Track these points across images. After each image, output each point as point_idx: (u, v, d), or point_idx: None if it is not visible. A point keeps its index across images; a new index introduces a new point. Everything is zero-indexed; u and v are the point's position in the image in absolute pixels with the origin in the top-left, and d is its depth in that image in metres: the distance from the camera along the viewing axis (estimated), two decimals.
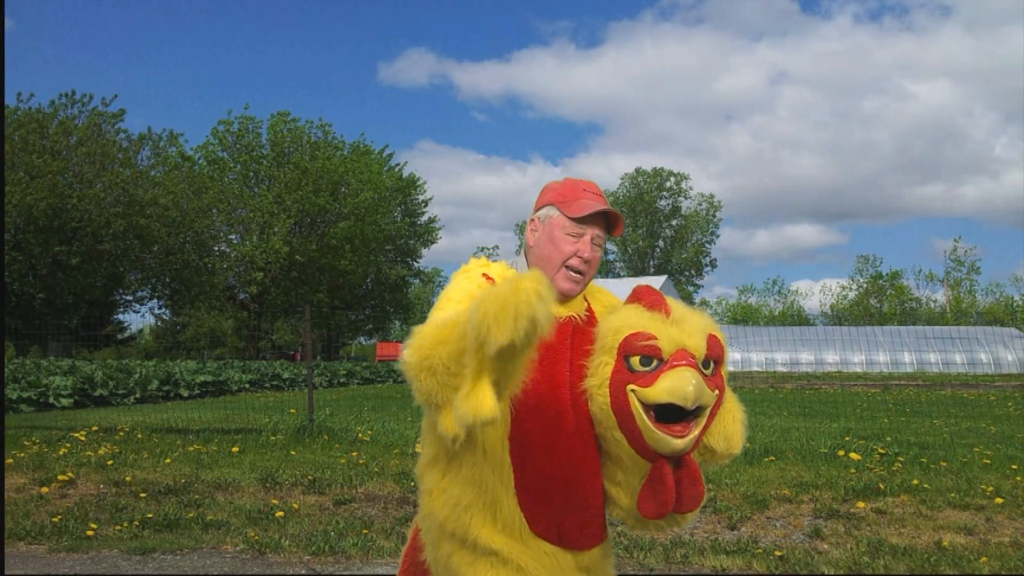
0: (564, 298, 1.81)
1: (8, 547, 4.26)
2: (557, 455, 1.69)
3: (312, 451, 7.06)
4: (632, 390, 1.63)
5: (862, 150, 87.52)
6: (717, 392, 1.67)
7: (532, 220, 1.87)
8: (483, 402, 1.38)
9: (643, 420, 1.62)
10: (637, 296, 1.76)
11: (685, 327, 1.66)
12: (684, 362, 1.61)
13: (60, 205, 28.82)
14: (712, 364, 1.68)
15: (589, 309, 1.85)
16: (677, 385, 1.57)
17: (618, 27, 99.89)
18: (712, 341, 1.68)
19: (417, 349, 1.49)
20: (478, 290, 1.73)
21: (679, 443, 1.61)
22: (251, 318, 42.70)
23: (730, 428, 1.74)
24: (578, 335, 1.77)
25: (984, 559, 3.96)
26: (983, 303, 57.37)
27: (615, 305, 1.88)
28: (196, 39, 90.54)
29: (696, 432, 1.63)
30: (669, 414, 1.61)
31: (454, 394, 1.43)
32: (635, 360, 1.64)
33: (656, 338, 1.64)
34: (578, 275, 1.80)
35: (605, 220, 1.83)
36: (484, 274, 1.81)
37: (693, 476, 1.68)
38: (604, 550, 1.82)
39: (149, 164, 34.48)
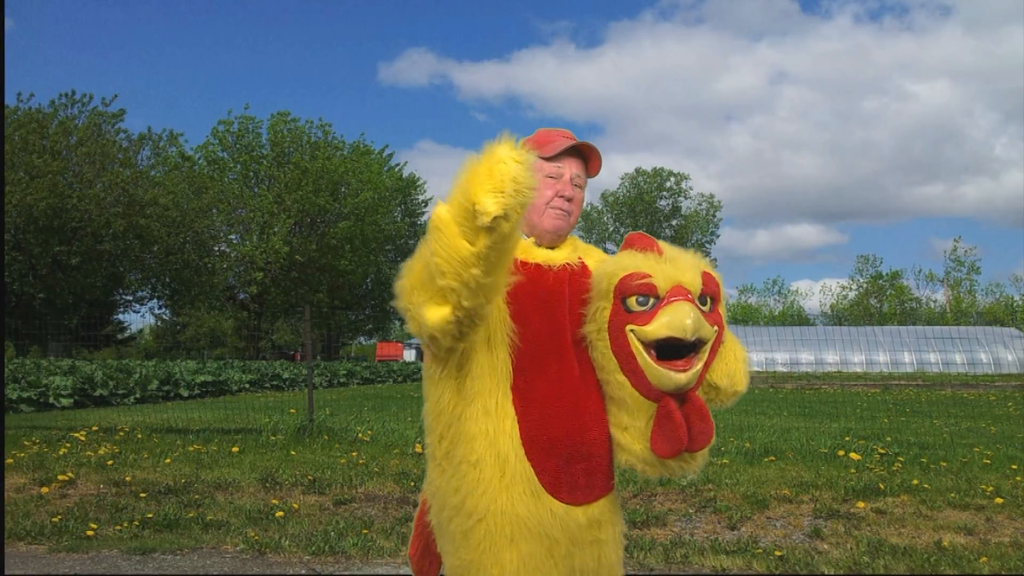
0: (555, 238, 1.84)
1: (8, 547, 4.26)
2: (561, 403, 1.70)
3: (312, 451, 7.06)
4: (631, 330, 1.64)
5: (862, 150, 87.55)
6: (716, 328, 1.67)
7: None
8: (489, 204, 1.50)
9: (644, 358, 1.63)
10: (629, 242, 1.78)
11: (679, 264, 1.68)
12: (681, 297, 1.62)
13: (60, 205, 28.81)
14: (709, 301, 1.69)
15: (580, 260, 1.86)
16: (675, 318, 1.58)
17: (618, 27, 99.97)
18: (707, 278, 1.69)
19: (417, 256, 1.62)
20: None
21: (682, 377, 1.61)
22: (251, 318, 42.69)
23: (732, 366, 1.76)
24: (574, 281, 1.79)
25: (984, 559, 3.96)
26: (983, 303, 57.35)
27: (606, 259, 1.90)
28: (196, 39, 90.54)
29: (698, 366, 1.63)
30: (669, 351, 1.62)
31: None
32: (632, 300, 1.65)
33: (651, 276, 1.65)
34: (564, 213, 1.82)
35: (581, 158, 1.85)
36: None
37: (700, 412, 1.68)
38: (612, 501, 1.83)
39: (149, 164, 34.45)
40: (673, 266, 1.67)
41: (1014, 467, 6.06)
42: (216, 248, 38.19)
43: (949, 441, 7.91)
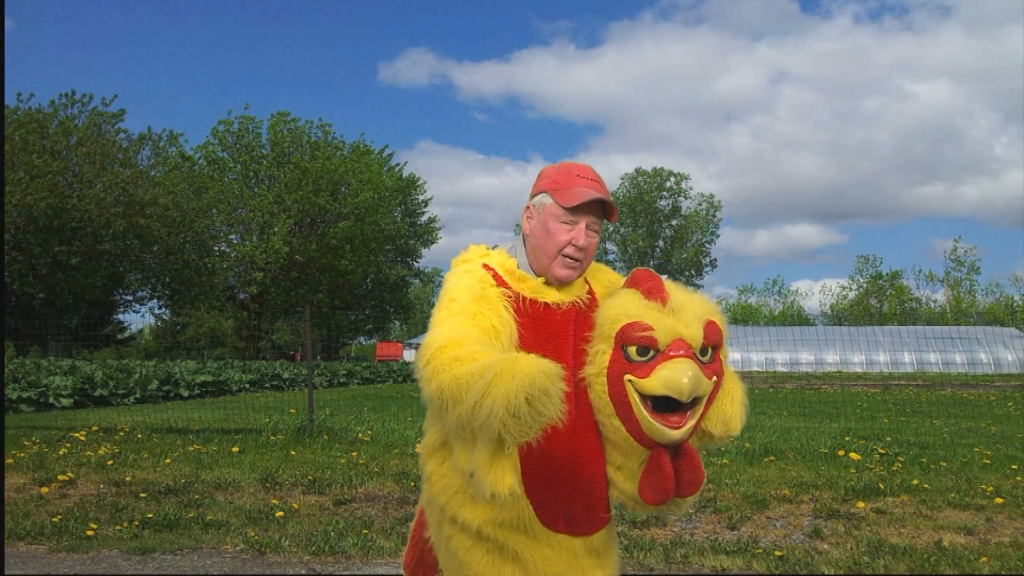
0: (563, 284, 1.83)
1: (8, 547, 4.26)
2: (560, 441, 1.70)
3: (312, 451, 7.06)
4: (629, 380, 1.64)
5: (862, 150, 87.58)
6: (715, 379, 1.68)
7: (528, 207, 1.87)
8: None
9: (640, 410, 1.63)
10: (636, 281, 1.75)
11: (682, 316, 1.66)
12: (681, 352, 1.62)
13: (60, 205, 28.82)
14: (710, 350, 1.69)
15: (591, 291, 1.86)
16: (673, 378, 1.58)
17: (618, 27, 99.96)
18: (710, 328, 1.68)
19: (435, 389, 1.50)
20: (478, 286, 1.74)
21: (675, 434, 1.62)
22: (251, 318, 42.69)
23: (728, 411, 1.75)
24: (581, 320, 1.79)
25: (984, 559, 3.96)
26: (983, 303, 57.37)
27: (615, 283, 1.89)
28: (196, 39, 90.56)
29: (692, 423, 1.64)
30: (666, 404, 1.62)
31: (468, 433, 1.48)
32: (632, 350, 1.65)
33: (652, 328, 1.64)
34: (575, 262, 1.80)
35: (600, 205, 1.82)
36: (484, 264, 1.81)
37: (692, 462, 1.69)
38: (610, 531, 1.84)
39: (149, 164, 34.47)
40: (676, 319, 1.65)
41: (1014, 467, 6.06)
42: (216, 248, 38.20)
43: (949, 441, 7.91)
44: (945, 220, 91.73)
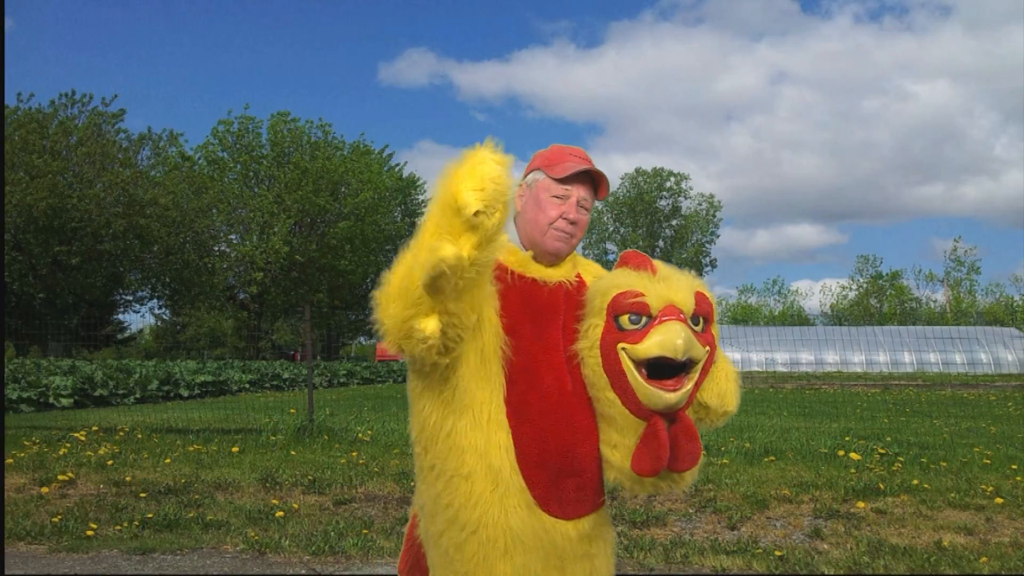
0: (554, 259, 1.83)
1: (8, 547, 4.26)
2: (554, 417, 1.70)
3: (312, 451, 7.06)
4: (623, 348, 1.64)
5: (862, 150, 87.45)
6: (708, 349, 1.68)
7: (520, 186, 1.88)
8: (450, 249, 1.46)
9: (635, 377, 1.63)
10: (624, 260, 1.78)
11: (672, 283, 1.68)
12: (673, 317, 1.62)
13: (60, 205, 28.81)
14: (702, 321, 1.69)
15: (579, 276, 1.86)
16: (666, 338, 1.58)
17: (618, 27, 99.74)
18: (700, 298, 1.69)
19: (387, 290, 1.58)
20: None
21: (672, 397, 1.61)
22: (251, 318, 42.68)
23: (724, 386, 1.76)
24: (570, 299, 1.79)
25: (984, 559, 3.96)
26: (983, 303, 57.32)
27: (601, 274, 1.90)
28: (196, 39, 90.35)
29: (689, 386, 1.64)
30: (661, 370, 1.62)
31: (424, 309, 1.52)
32: (624, 319, 1.65)
33: (643, 295, 1.65)
34: (566, 235, 1.80)
35: (591, 182, 1.83)
36: None
37: (689, 432, 1.68)
38: (601, 516, 1.82)
39: (149, 164, 34.47)
40: (666, 285, 1.67)
41: (1014, 467, 6.07)
42: (216, 248, 38.19)
43: (949, 441, 7.91)
44: (945, 220, 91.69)
